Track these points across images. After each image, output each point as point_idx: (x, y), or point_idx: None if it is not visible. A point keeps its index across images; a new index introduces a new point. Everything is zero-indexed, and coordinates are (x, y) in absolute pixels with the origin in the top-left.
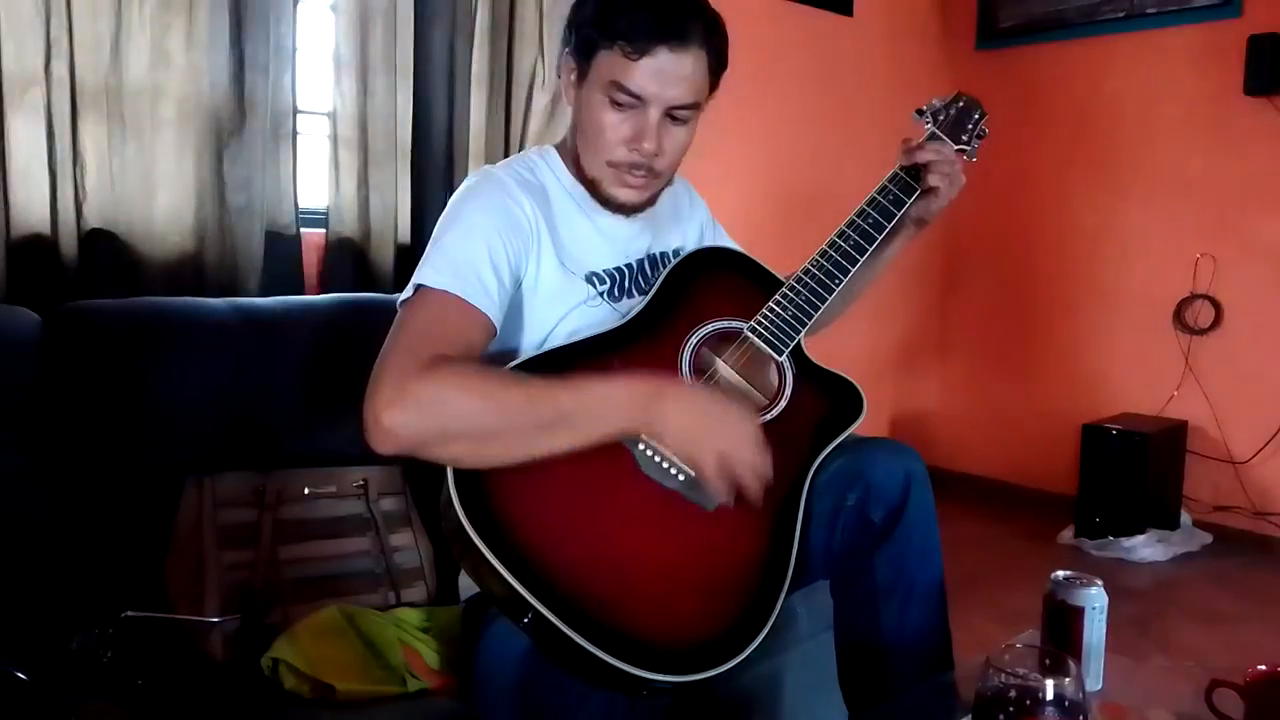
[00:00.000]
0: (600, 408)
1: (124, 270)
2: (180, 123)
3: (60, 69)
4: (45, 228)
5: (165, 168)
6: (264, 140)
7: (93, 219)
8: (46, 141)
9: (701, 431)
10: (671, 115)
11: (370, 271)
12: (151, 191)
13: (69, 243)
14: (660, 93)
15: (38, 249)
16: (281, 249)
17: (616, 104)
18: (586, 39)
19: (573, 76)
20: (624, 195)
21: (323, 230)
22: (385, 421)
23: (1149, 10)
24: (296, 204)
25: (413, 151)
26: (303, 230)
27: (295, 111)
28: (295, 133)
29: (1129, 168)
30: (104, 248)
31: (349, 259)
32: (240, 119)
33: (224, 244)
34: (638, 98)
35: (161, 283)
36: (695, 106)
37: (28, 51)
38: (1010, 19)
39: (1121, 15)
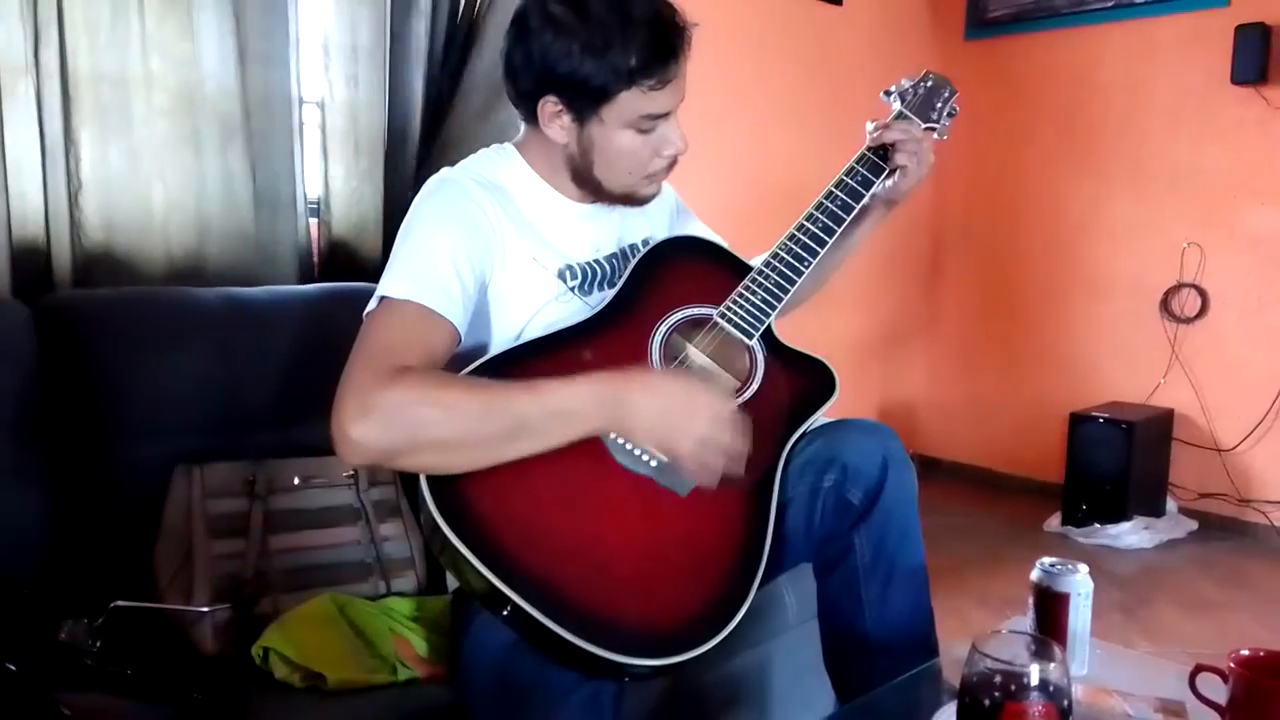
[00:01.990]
0: (563, 413)
1: (124, 264)
2: (175, 113)
3: (49, 58)
4: (39, 219)
5: (162, 159)
6: (272, 130)
7: (89, 211)
8: (39, 133)
9: (669, 425)
10: None
11: (362, 264)
12: (148, 183)
13: (62, 237)
14: (677, 100)
15: (35, 242)
16: (294, 241)
17: (641, 131)
18: (593, 84)
19: (561, 119)
20: (654, 190)
21: (315, 220)
22: (352, 434)
23: (1137, 0)
24: (305, 195)
25: (388, 143)
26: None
27: (301, 102)
28: (301, 123)
29: (1117, 157)
30: (100, 240)
31: (342, 251)
32: (244, 110)
33: (230, 236)
34: (663, 115)
35: (163, 275)
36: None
37: (15, 39)
38: (999, 8)
39: (1110, 5)
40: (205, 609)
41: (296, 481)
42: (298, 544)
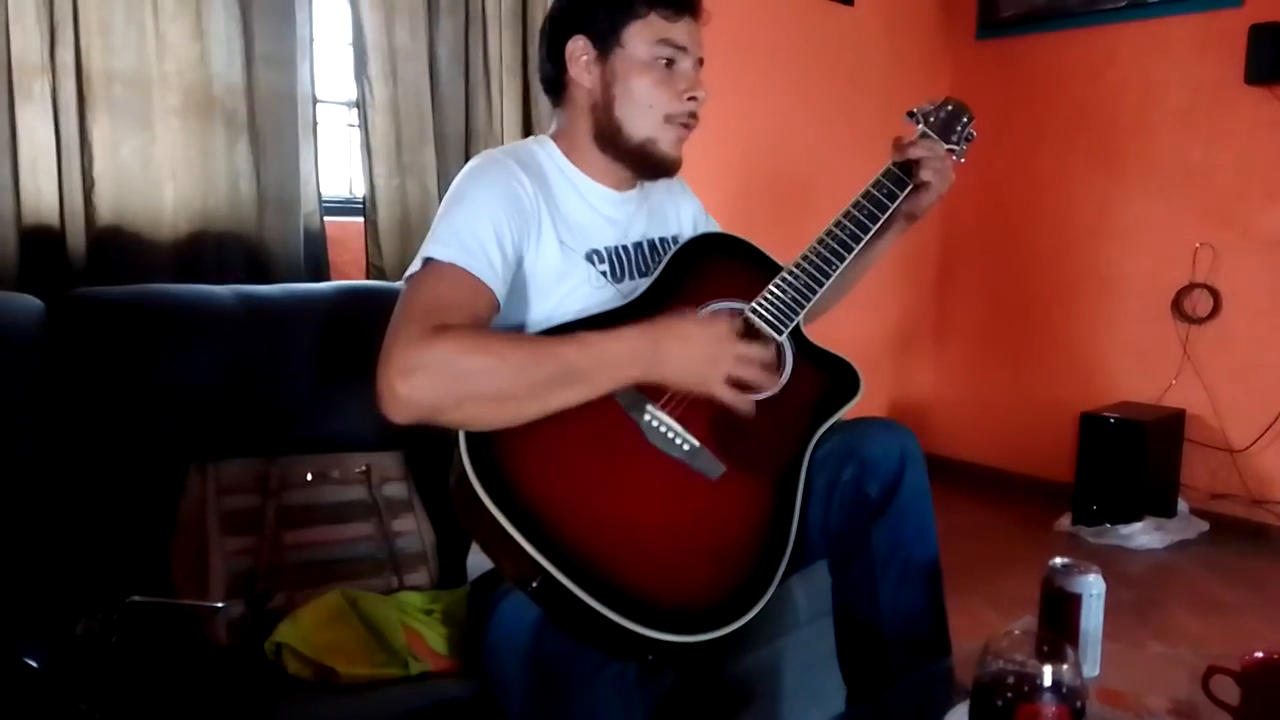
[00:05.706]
0: (604, 361)
1: (133, 259)
2: (185, 112)
3: (65, 57)
4: (54, 216)
5: (172, 157)
6: (279, 129)
7: (102, 208)
8: (53, 130)
9: (702, 367)
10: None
11: (408, 258)
12: (158, 181)
13: (77, 232)
14: (694, 48)
15: (47, 238)
16: (306, 238)
17: (663, 62)
18: (613, 14)
19: (586, 59)
20: (676, 152)
21: (359, 219)
22: (400, 389)
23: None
24: (320, 193)
25: (435, 138)
26: (326, 219)
27: (315, 101)
28: (315, 122)
29: (1129, 157)
30: (112, 237)
31: (391, 245)
32: (252, 109)
33: (238, 233)
34: (682, 49)
35: (173, 272)
36: (702, 64)
37: (32, 38)
38: (1011, 8)
39: (1123, 4)
40: (219, 604)
41: (310, 478)
42: (311, 539)
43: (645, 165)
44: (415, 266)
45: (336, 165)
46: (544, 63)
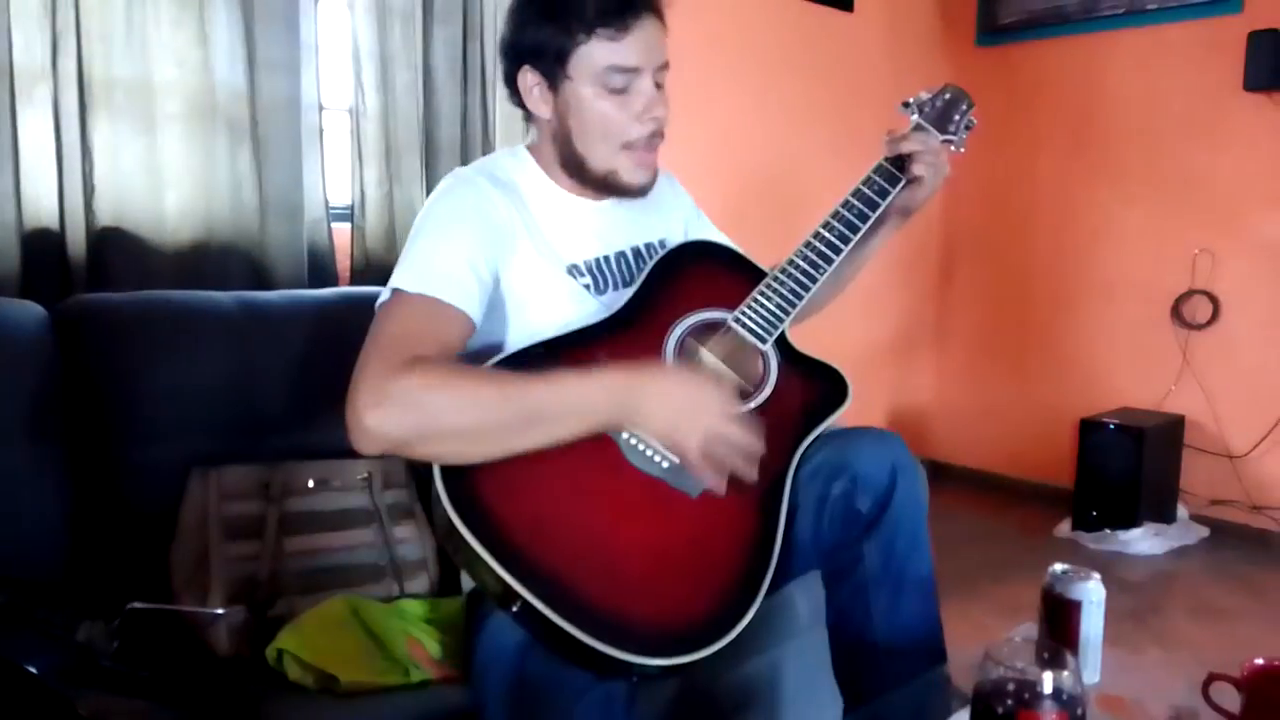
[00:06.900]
0: (577, 404)
1: (135, 266)
2: (188, 119)
3: (67, 64)
4: (55, 222)
5: (174, 164)
6: (282, 136)
7: (103, 215)
8: (54, 137)
9: (680, 420)
10: (656, 81)
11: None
12: (160, 188)
13: (77, 238)
14: (649, 60)
15: (48, 244)
16: (312, 245)
17: (613, 89)
18: (554, 45)
19: (539, 89)
20: (641, 178)
21: (348, 225)
22: (367, 422)
23: (1150, 6)
24: (326, 200)
25: (425, 149)
26: (332, 225)
27: (320, 108)
28: (321, 129)
29: (1128, 163)
30: (114, 243)
31: (377, 255)
32: (252, 116)
33: (240, 240)
34: (634, 70)
35: (175, 279)
36: (667, 67)
37: (35, 46)
38: (1011, 15)
39: (1122, 11)
40: (220, 611)
41: (311, 484)
42: (312, 546)
43: (613, 193)
44: (385, 296)
45: (344, 172)
46: (508, 88)
